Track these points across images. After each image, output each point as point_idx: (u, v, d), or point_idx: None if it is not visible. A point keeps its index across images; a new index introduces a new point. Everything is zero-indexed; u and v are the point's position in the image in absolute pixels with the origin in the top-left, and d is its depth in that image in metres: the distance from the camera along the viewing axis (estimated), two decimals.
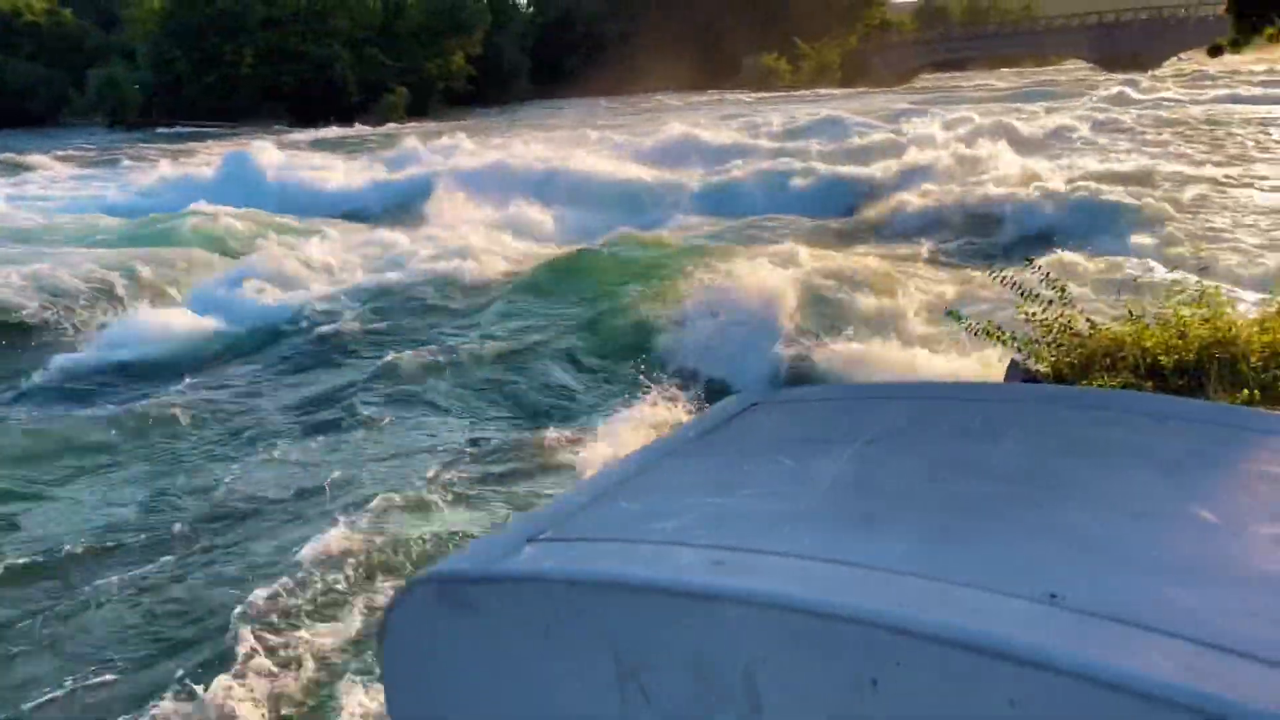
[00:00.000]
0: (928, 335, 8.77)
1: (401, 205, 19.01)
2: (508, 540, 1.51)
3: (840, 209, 17.51)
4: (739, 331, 9.01)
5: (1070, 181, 16.98)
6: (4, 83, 59.57)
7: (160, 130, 49.94)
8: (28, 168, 30.34)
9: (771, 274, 10.33)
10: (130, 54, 61.47)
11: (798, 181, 19.62)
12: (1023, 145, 23.26)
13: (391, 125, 50.30)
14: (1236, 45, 7.22)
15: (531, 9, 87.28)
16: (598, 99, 64.47)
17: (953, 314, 5.76)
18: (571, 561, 1.42)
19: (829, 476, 1.55)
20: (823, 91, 65.61)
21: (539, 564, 1.42)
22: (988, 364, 6.81)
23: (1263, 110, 31.24)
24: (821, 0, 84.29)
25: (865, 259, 12.07)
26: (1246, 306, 7.01)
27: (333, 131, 44.15)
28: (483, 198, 18.58)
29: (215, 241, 14.94)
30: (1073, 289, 5.40)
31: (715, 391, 7.61)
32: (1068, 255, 11.72)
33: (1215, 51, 7.55)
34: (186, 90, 58.66)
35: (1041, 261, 6.41)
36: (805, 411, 2.00)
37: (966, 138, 24.47)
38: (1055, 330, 5.02)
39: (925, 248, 14.25)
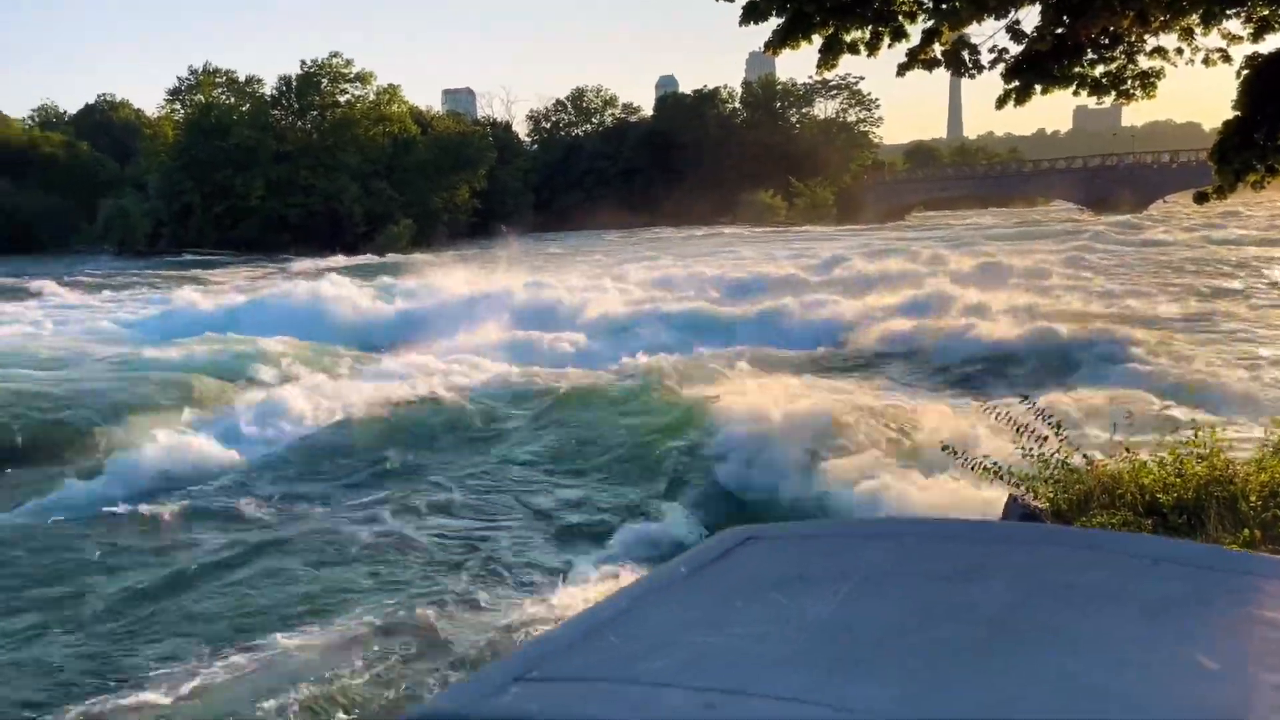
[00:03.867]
0: (927, 468, 8.76)
1: (409, 332, 19.23)
2: (494, 679, 1.47)
3: (830, 341, 17.76)
4: (737, 460, 8.99)
5: (1062, 316, 17.25)
6: (16, 211, 61.02)
7: (167, 259, 50.91)
8: (35, 294, 30.77)
9: (766, 403, 10.39)
10: (142, 185, 63.21)
11: (790, 315, 19.98)
12: (1013, 281, 23.73)
13: (393, 255, 51.36)
14: (1221, 192, 7.46)
15: (535, 146, 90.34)
16: (597, 232, 66.11)
17: (948, 449, 5.75)
18: (559, 704, 1.37)
19: (819, 617, 1.53)
20: (815, 228, 67.33)
21: (526, 706, 1.37)
22: (987, 497, 6.77)
23: (1251, 250, 32.08)
24: (816, 140, 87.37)
25: (859, 391, 12.15)
26: (1240, 436, 7.02)
27: (339, 260, 45.04)
28: (486, 326, 18.82)
29: (224, 367, 15.05)
30: (1070, 422, 5.42)
31: (708, 519, 7.53)
32: (1062, 389, 11.81)
33: (1201, 199, 7.80)
34: (195, 220, 60.13)
35: (1037, 395, 6.45)
36: (797, 548, 1.98)
37: (956, 274, 25.00)
38: (1053, 466, 5.01)
39: (921, 380, 14.37)
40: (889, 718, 1.20)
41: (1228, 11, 6.88)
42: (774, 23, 6.78)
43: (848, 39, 6.84)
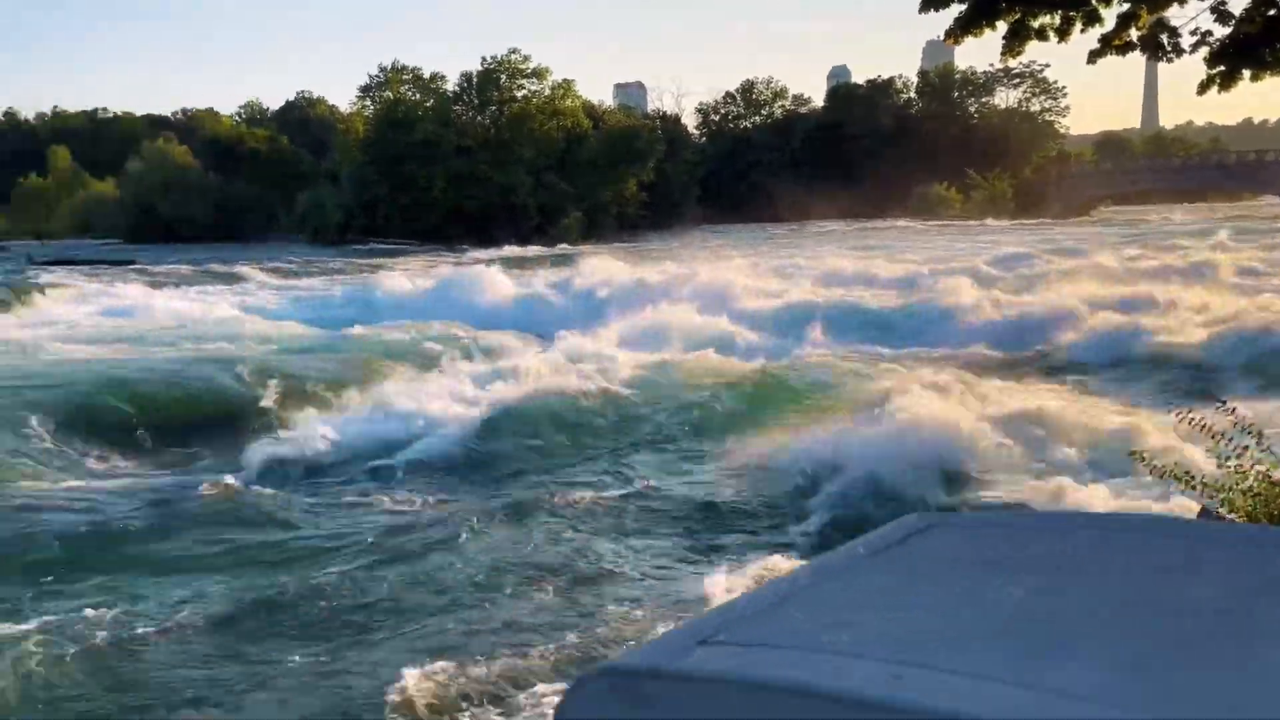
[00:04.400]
0: (1112, 473, 8.34)
1: (578, 319, 19.68)
2: (680, 640, 1.55)
3: (1016, 342, 17.04)
4: (911, 459, 8.81)
5: (1274, 320, 15.97)
6: (225, 201, 66.09)
7: (355, 247, 53.85)
8: (239, 278, 33.30)
9: (945, 404, 10.13)
10: (335, 177, 67.11)
11: (967, 312, 19.31)
12: (1218, 280, 22.14)
13: (563, 247, 52.63)
14: None
15: (703, 139, 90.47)
16: (764, 225, 65.66)
17: (1137, 454, 5.48)
18: (745, 665, 1.44)
19: (1011, 601, 1.52)
20: (992, 223, 64.58)
21: (712, 665, 1.45)
22: (1176, 508, 6.40)
23: None
24: (996, 131, 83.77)
25: (1044, 393, 11.66)
26: None
27: (512, 251, 46.55)
28: (653, 315, 19.04)
29: (405, 350, 15.82)
30: (1270, 434, 5.07)
31: (882, 514, 7.42)
32: (1267, 397, 10.97)
33: None
34: (381, 211, 63.32)
35: (1237, 403, 6.05)
36: (983, 535, 1.97)
37: (1151, 270, 23.52)
38: (1252, 478, 4.71)
39: (1110, 383, 13.64)
40: (1100, 703, 1.17)
41: None
42: (955, 10, 6.59)
43: (1035, 24, 6.58)
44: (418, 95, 68.05)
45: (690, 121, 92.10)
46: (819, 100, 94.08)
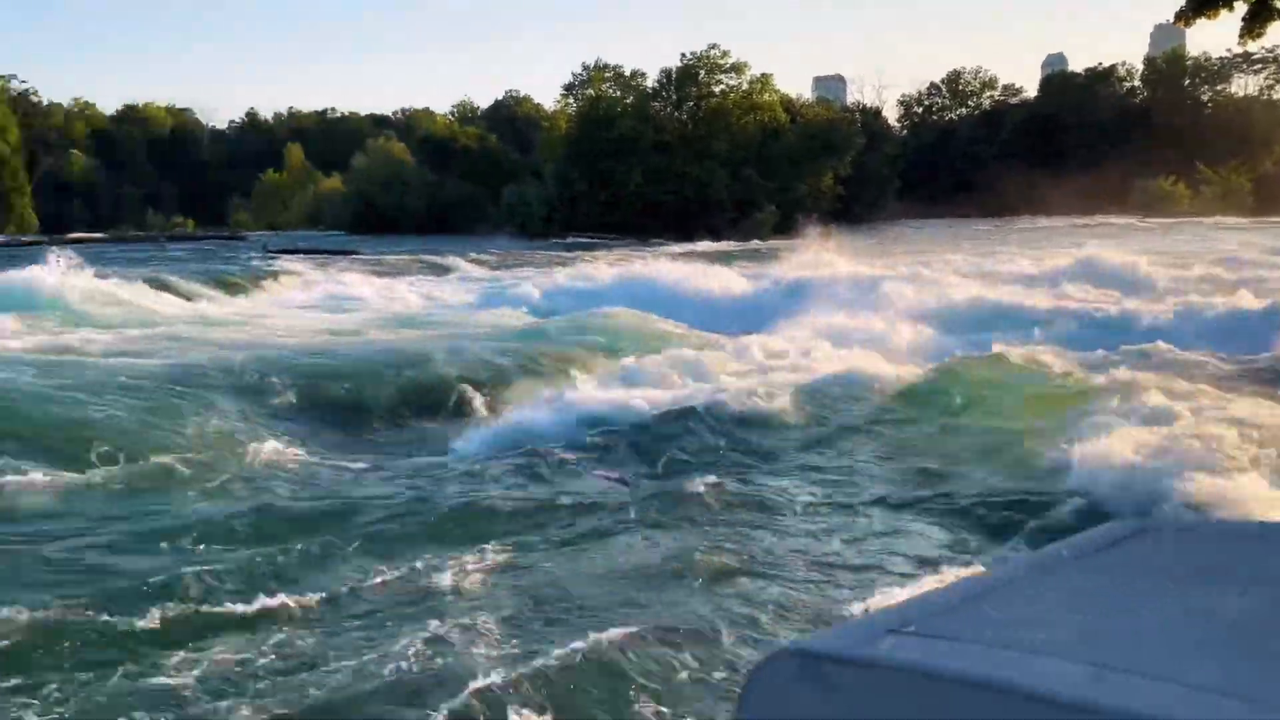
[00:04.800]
0: None
1: (779, 314, 19.57)
2: (870, 627, 1.55)
3: (1249, 346, 15.62)
4: (1133, 466, 8.29)
5: None
6: (437, 196, 69.95)
7: (555, 241, 55.69)
8: (448, 268, 35.21)
9: (1172, 410, 9.48)
10: (539, 173, 69.66)
11: (1206, 314, 17.91)
12: None
13: (756, 241, 52.54)
14: None
15: (905, 131, 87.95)
16: (967, 220, 63.10)
17: None
18: (933, 656, 1.42)
19: (1223, 611, 1.44)
20: (1227, 220, 59.43)
21: (900, 654, 1.44)
22: None
23: None
24: (1231, 121, 77.03)
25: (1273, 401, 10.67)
26: None
27: (705, 245, 46.90)
28: (844, 311, 18.72)
29: (600, 340, 16.24)
30: None
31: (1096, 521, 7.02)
32: None
33: None
34: (581, 205, 65.22)
35: None
36: (1197, 543, 1.85)
37: None
38: None
39: None
40: None
41: None
42: None
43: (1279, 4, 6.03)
44: (618, 92, 69.55)
45: (891, 114, 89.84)
46: (1031, 90, 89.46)
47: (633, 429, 10.79)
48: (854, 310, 19.05)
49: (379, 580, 6.54)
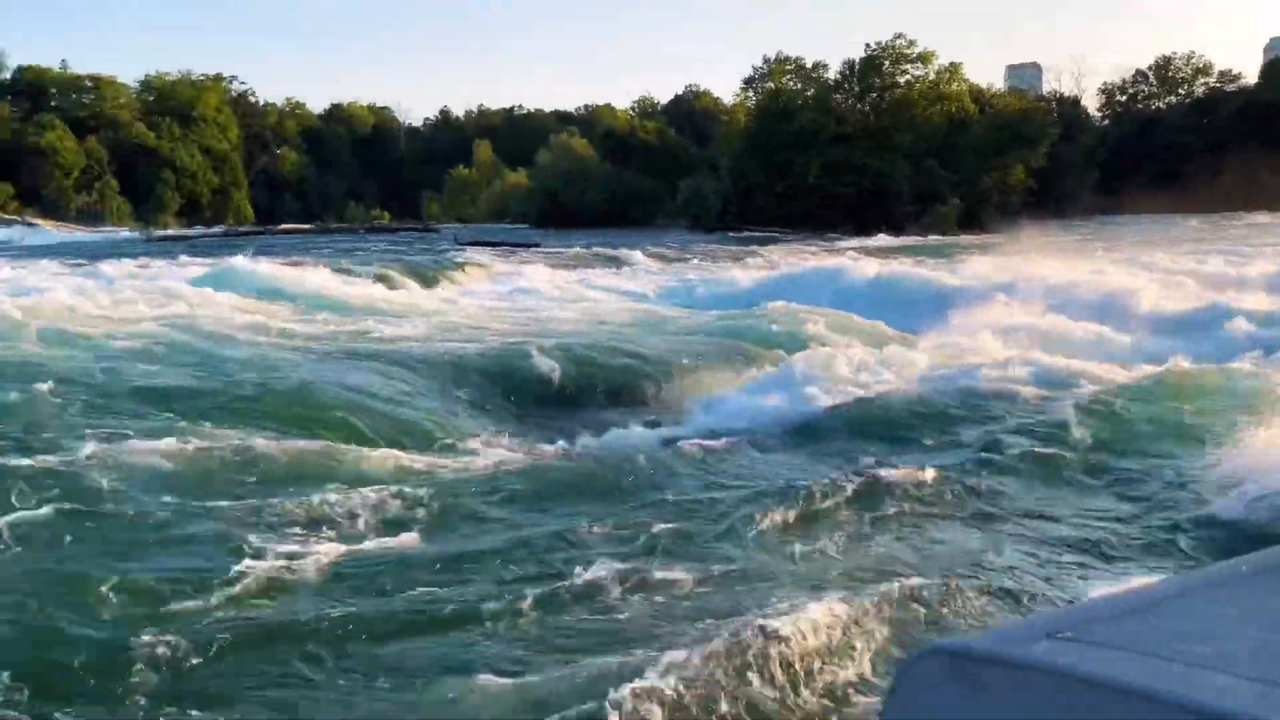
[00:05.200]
0: None
1: (947, 312, 18.92)
2: (1026, 631, 1.54)
3: None
4: None
5: None
6: (617, 190, 71.26)
7: (729, 234, 55.65)
8: (623, 261, 35.86)
9: None
10: (715, 167, 69.79)
11: None
12: None
13: (939, 236, 50.81)
14: None
15: (1105, 121, 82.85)
16: (1173, 215, 58.77)
17: None
18: (1091, 664, 1.41)
19: None
20: None
21: (1057, 659, 1.43)
22: None
23: None
24: None
25: None
26: None
27: (884, 240, 45.76)
28: (1027, 311, 17.92)
29: (772, 335, 16.21)
30: None
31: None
32: None
33: None
34: (756, 198, 64.84)
35: None
36: None
37: None
38: None
39: None
40: None
41: None
42: None
43: None
44: (798, 85, 68.72)
45: (1091, 103, 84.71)
46: (1250, 77, 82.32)
47: (817, 423, 10.74)
48: (1053, 310, 18.12)
49: (603, 564, 6.75)
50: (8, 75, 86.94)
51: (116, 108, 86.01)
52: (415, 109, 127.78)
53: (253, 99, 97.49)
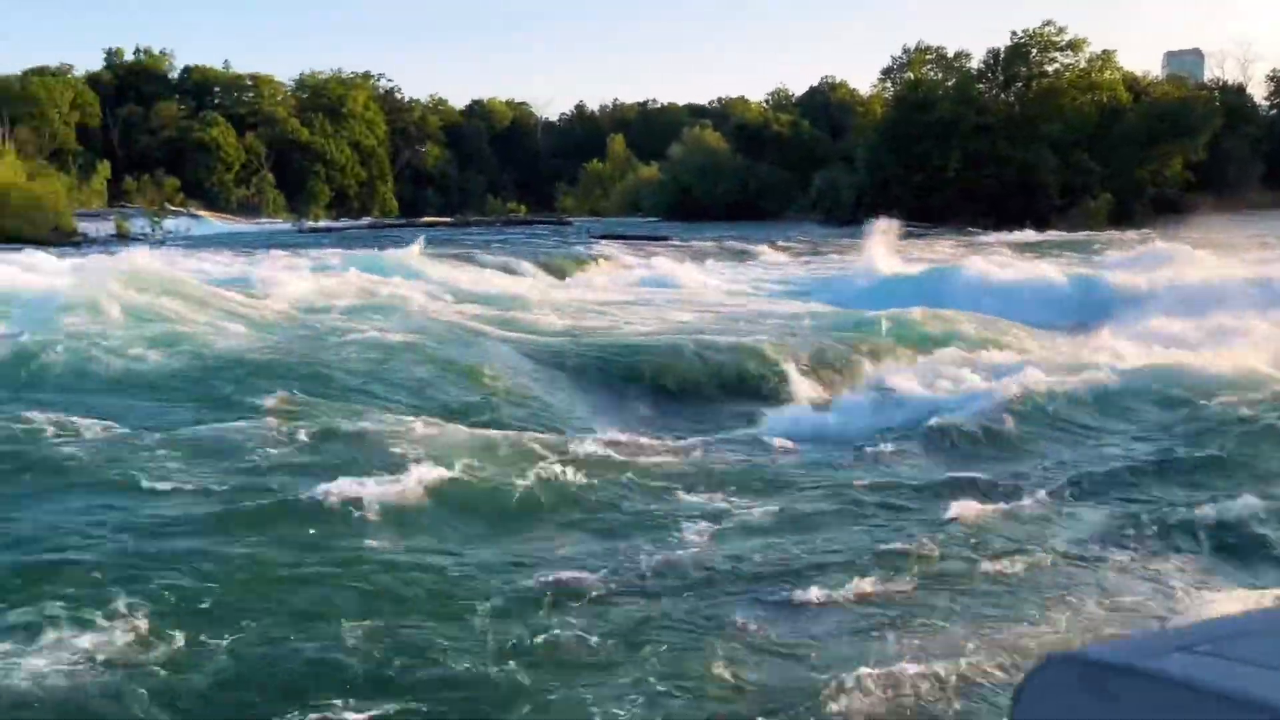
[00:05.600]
0: None
1: (1104, 313, 18.08)
2: (1158, 642, 1.52)
3: None
4: None
5: None
6: (749, 183, 70.84)
7: (863, 228, 54.45)
8: (752, 255, 35.70)
9: None
10: (850, 159, 68.49)
11: None
12: None
13: (1086, 232, 48.53)
14: None
15: (1274, 109, 77.38)
16: None
17: None
18: (1226, 678, 1.38)
19: None
20: None
21: (1190, 672, 1.41)
22: None
23: None
24: None
25: None
26: None
27: (1027, 235, 44.00)
28: (1219, 314, 16.83)
29: (908, 334, 15.86)
30: None
31: None
32: None
33: None
34: (892, 191, 63.30)
35: None
36: None
37: None
38: None
39: None
40: None
41: None
42: None
43: None
44: (939, 74, 66.76)
45: (1258, 91, 79.14)
46: None
47: (951, 424, 10.51)
48: (1219, 312, 17.03)
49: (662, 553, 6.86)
50: (175, 75, 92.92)
51: (273, 105, 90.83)
52: (552, 104, 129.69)
53: (398, 96, 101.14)
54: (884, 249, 28.90)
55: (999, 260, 26.22)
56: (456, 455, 8.57)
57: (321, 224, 66.15)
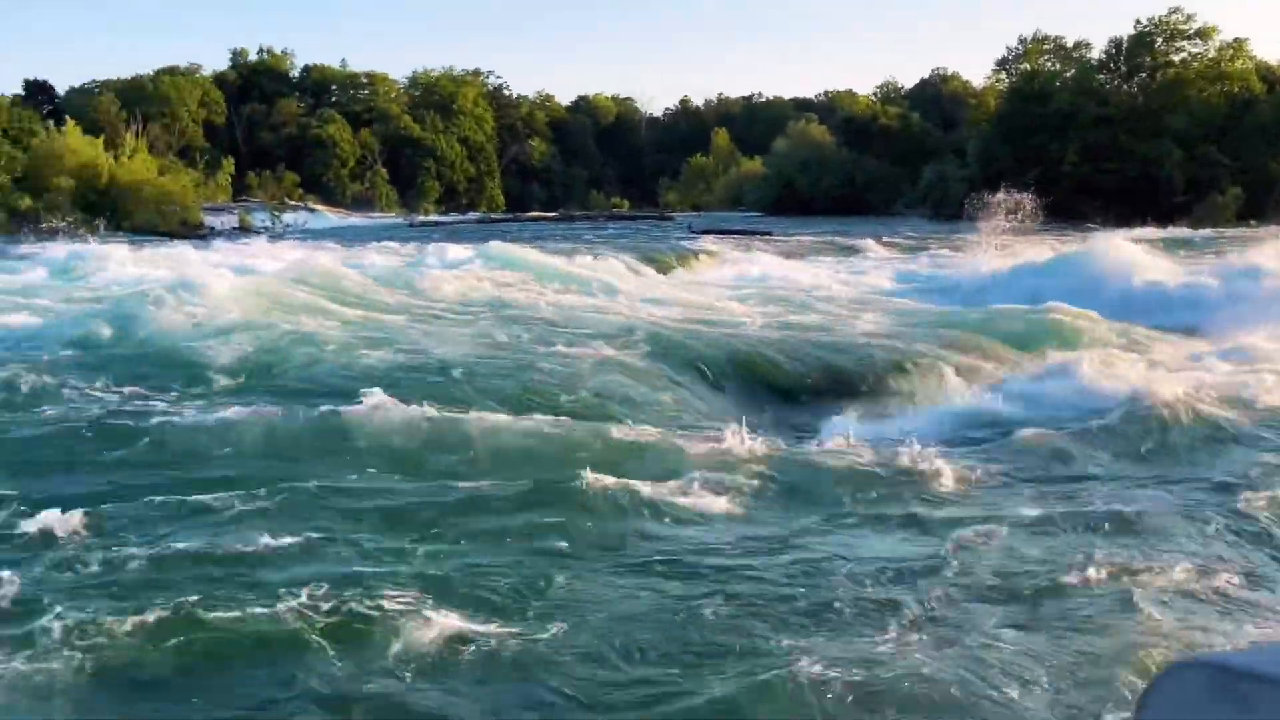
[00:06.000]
0: None
1: (1233, 316, 17.23)
2: None
3: None
4: None
5: None
6: (855, 176, 69.80)
7: (977, 223, 52.99)
8: (857, 250, 35.18)
9: None
10: (961, 152, 66.76)
11: None
12: None
13: (1212, 228, 46.29)
14: None
15: None
16: None
17: None
18: None
19: None
20: None
21: None
22: None
23: None
24: None
25: None
26: None
27: (1147, 232, 42.17)
28: None
29: (1014, 333, 15.45)
30: None
31: None
32: None
33: None
34: (1005, 185, 61.40)
35: None
36: None
37: None
38: None
39: None
40: None
41: None
42: None
43: None
44: (1057, 65, 64.53)
45: None
46: None
47: (1062, 427, 10.23)
48: None
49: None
50: (296, 74, 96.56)
51: (387, 102, 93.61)
52: (656, 99, 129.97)
53: (507, 92, 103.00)
54: (997, 239, 28.03)
55: (1117, 258, 25.15)
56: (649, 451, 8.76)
57: (431, 218, 67.93)
